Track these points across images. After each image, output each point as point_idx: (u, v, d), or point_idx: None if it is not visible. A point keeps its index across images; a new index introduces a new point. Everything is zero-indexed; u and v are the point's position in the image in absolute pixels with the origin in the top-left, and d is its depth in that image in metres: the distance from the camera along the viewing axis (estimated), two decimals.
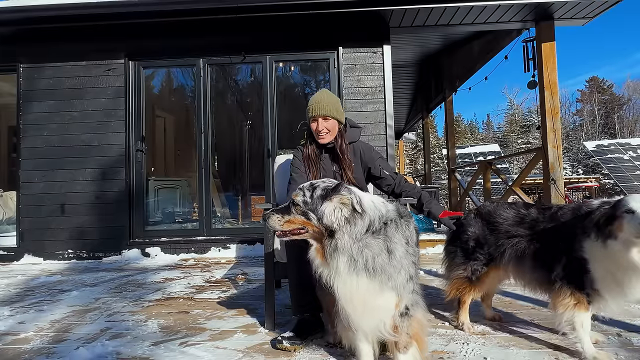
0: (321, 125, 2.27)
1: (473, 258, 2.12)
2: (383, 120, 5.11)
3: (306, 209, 1.54)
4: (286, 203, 1.63)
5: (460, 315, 2.20)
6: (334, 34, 5.19)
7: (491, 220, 2.10)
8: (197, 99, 5.36)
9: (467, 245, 2.15)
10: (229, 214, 7.00)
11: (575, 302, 1.72)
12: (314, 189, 1.57)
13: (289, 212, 1.58)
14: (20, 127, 5.27)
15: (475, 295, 2.19)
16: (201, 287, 3.40)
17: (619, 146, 18.37)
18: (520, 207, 2.08)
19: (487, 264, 2.09)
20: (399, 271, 1.51)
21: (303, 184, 1.63)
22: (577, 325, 1.71)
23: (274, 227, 1.61)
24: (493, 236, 2.07)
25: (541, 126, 5.19)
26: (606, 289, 1.67)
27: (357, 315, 1.54)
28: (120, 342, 2.12)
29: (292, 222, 1.58)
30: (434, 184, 13.21)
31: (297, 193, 1.59)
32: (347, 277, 1.48)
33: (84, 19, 4.90)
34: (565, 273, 1.76)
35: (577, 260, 1.71)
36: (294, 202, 1.58)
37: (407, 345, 1.59)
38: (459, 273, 2.16)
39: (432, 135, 34.37)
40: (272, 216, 1.60)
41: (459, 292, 2.17)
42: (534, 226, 1.95)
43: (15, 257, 5.17)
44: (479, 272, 2.10)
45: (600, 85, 43.38)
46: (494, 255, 2.06)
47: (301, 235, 1.58)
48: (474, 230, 2.15)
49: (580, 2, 4.56)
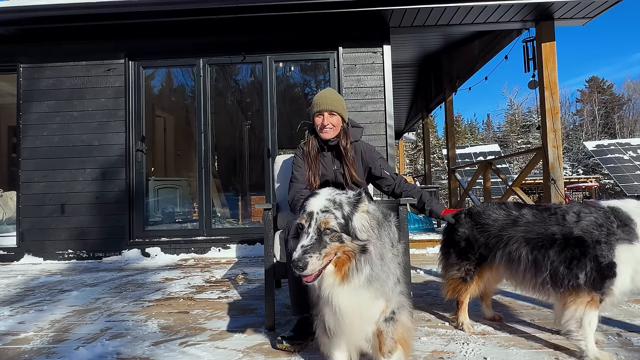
0: (327, 120, 2.28)
1: (465, 258, 2.13)
2: (383, 120, 5.11)
3: (341, 231, 1.34)
4: (309, 233, 1.32)
5: (459, 315, 2.20)
6: (334, 34, 5.19)
7: (481, 222, 2.10)
8: (197, 99, 5.36)
9: (459, 246, 2.16)
10: (229, 214, 7.01)
11: (589, 299, 1.72)
12: (341, 206, 1.37)
13: (321, 244, 1.31)
14: (20, 127, 5.27)
15: (472, 294, 2.19)
16: (201, 287, 3.40)
17: (619, 146, 18.37)
18: (511, 208, 2.05)
19: (479, 264, 2.10)
20: (389, 276, 1.45)
21: (322, 203, 1.37)
22: (585, 323, 1.71)
23: (315, 269, 1.30)
24: (484, 236, 2.07)
25: (541, 126, 5.19)
26: (621, 289, 1.70)
27: (352, 326, 1.44)
28: (120, 342, 2.12)
29: (329, 254, 1.33)
30: (434, 184, 13.21)
31: (327, 218, 1.33)
32: (354, 289, 1.36)
33: (84, 19, 4.90)
34: (584, 272, 1.73)
35: (602, 262, 1.70)
36: (328, 229, 1.32)
37: (392, 350, 1.53)
38: (454, 273, 2.17)
39: (432, 135, 34.40)
40: (310, 258, 1.27)
41: (456, 292, 2.18)
42: (533, 227, 1.92)
43: (15, 257, 5.17)
44: (473, 272, 2.12)
45: (600, 85, 43.37)
46: (486, 256, 2.06)
47: (329, 264, 1.35)
48: (465, 230, 2.16)
49: (580, 2, 4.56)
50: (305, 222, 1.36)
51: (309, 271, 1.28)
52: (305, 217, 1.36)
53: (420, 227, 6.13)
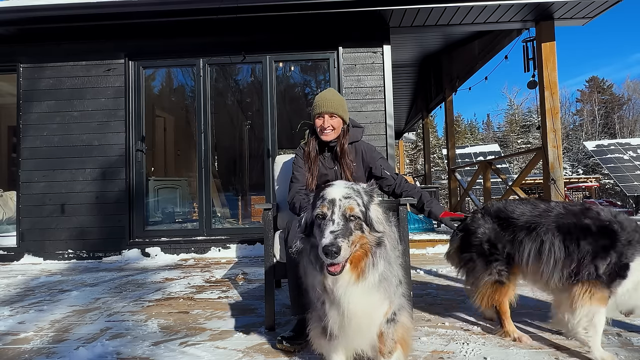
0: (327, 122, 2.27)
1: (494, 259, 2.01)
2: (383, 120, 5.11)
3: (363, 220, 1.30)
4: (333, 220, 1.25)
5: (506, 326, 2.02)
6: (334, 33, 5.19)
7: (505, 217, 2.02)
8: (197, 99, 5.36)
9: (482, 248, 2.04)
10: (229, 214, 7.01)
11: (601, 295, 1.76)
12: (360, 194, 1.33)
13: (348, 230, 1.25)
14: (20, 127, 5.27)
15: (511, 298, 2.03)
16: (201, 287, 3.40)
17: (619, 146, 18.37)
18: (536, 202, 2.02)
19: (509, 262, 1.99)
20: (393, 276, 1.44)
21: (343, 190, 1.33)
22: (596, 319, 1.74)
23: (346, 256, 1.23)
24: (509, 233, 1.99)
25: (541, 126, 5.20)
26: (621, 293, 1.78)
27: (360, 328, 1.40)
28: (120, 342, 2.12)
29: (354, 243, 1.27)
30: (434, 184, 13.22)
31: (351, 204, 1.28)
32: (368, 288, 1.33)
33: (84, 19, 4.90)
34: (603, 271, 1.77)
35: (622, 261, 1.75)
36: (352, 216, 1.28)
37: (392, 350, 1.53)
38: (486, 279, 2.01)
39: (432, 135, 34.40)
40: (342, 243, 1.20)
41: (493, 299, 2.01)
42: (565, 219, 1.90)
43: (15, 257, 5.16)
44: (507, 272, 1.99)
45: (600, 85, 43.37)
46: (512, 254, 1.98)
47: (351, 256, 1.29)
48: (485, 230, 2.06)
49: (580, 2, 4.56)
50: (327, 209, 1.28)
51: (341, 257, 1.19)
52: (327, 204, 1.28)
53: (420, 227, 6.13)
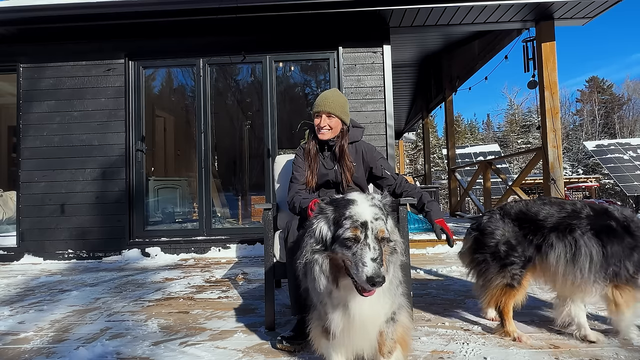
0: (324, 122, 2.27)
1: (510, 262, 1.99)
2: (383, 120, 5.11)
3: (388, 238, 1.34)
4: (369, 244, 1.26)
5: (508, 326, 2.03)
6: (334, 33, 5.19)
7: (530, 219, 2.01)
8: (197, 99, 5.36)
9: (499, 250, 2.03)
10: (229, 214, 7.01)
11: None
12: (382, 210, 1.37)
13: (381, 253, 1.28)
14: (21, 127, 5.27)
15: (518, 301, 2.04)
16: (201, 287, 3.40)
17: (619, 146, 18.37)
18: (563, 203, 2.01)
19: (524, 266, 1.99)
20: (395, 277, 1.46)
21: (372, 210, 1.34)
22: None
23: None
24: (534, 235, 1.98)
25: (541, 126, 5.20)
26: None
27: (364, 330, 1.42)
28: (120, 342, 2.12)
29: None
30: (434, 184, 13.21)
31: (382, 226, 1.31)
32: (377, 294, 1.34)
33: (84, 19, 4.90)
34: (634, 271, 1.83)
35: None
36: (384, 238, 1.31)
37: (392, 350, 1.53)
38: (498, 281, 2.01)
39: (432, 135, 34.39)
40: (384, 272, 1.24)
41: (499, 301, 2.02)
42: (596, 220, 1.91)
43: (15, 257, 5.16)
44: (520, 277, 1.99)
45: (600, 85, 43.37)
46: (532, 256, 1.98)
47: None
48: (505, 232, 2.04)
49: (580, 2, 4.56)
50: (360, 233, 1.29)
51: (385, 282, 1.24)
52: (360, 227, 1.29)
53: (420, 227, 6.13)
